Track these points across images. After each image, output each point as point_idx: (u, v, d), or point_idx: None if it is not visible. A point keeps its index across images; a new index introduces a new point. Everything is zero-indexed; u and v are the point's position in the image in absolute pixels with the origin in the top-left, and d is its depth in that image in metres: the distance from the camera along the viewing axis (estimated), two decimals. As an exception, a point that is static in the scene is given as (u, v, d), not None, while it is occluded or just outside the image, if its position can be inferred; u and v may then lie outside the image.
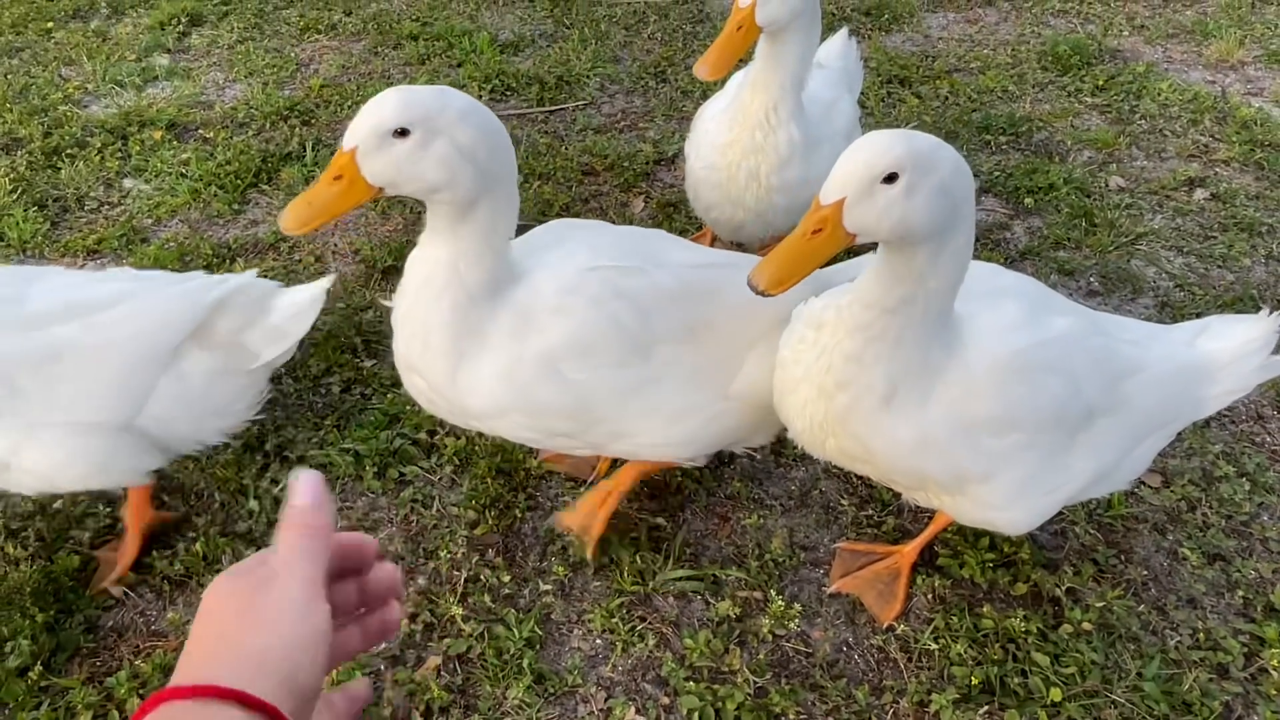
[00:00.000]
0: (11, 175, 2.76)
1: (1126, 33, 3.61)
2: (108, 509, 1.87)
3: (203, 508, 1.89)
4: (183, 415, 1.68)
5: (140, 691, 1.58)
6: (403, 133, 1.27)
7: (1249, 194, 2.78)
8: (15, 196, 2.69)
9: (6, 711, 1.57)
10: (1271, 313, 1.60)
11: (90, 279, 1.72)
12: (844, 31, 2.59)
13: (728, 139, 2.12)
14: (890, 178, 1.21)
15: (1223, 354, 1.57)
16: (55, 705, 1.57)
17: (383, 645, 1.66)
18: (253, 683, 0.55)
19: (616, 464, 1.90)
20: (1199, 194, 2.78)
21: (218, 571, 1.76)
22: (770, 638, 1.68)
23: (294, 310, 1.76)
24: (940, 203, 1.24)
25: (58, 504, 1.87)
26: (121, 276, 1.75)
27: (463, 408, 1.53)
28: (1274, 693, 1.60)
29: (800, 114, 2.08)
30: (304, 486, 0.66)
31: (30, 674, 1.60)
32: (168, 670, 1.60)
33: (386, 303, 1.59)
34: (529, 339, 1.47)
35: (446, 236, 1.41)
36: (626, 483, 1.82)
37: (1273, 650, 1.64)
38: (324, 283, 1.78)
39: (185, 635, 1.66)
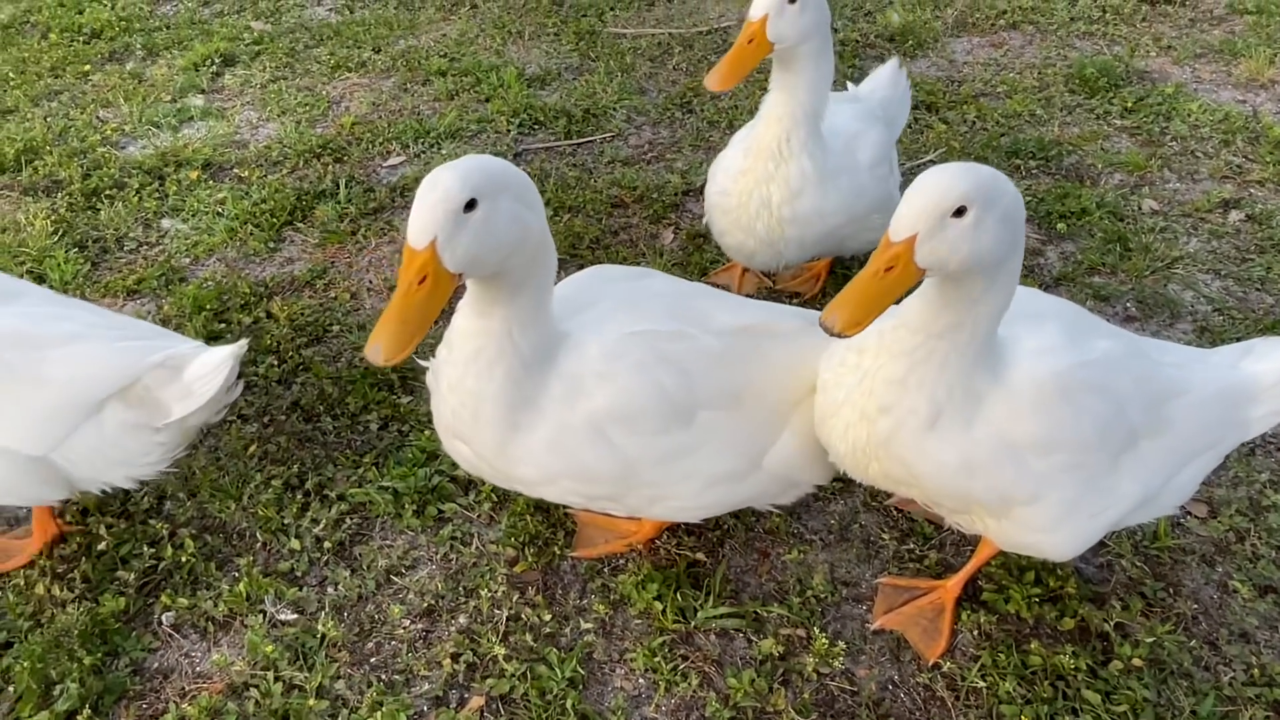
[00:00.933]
0: (52, 217, 2.82)
1: (1154, 53, 3.60)
2: (152, 549, 1.90)
3: (245, 548, 1.91)
4: (92, 459, 1.72)
5: (187, 734, 1.59)
6: (471, 205, 1.23)
7: (1286, 215, 2.75)
8: (56, 238, 2.74)
9: (56, 756, 1.58)
10: None
11: (54, 313, 1.76)
12: (894, 61, 2.61)
13: (743, 167, 2.14)
14: (959, 211, 1.22)
15: (1267, 375, 1.57)
16: (103, 749, 1.58)
17: (425, 686, 1.67)
18: None
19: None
20: (1234, 215, 2.76)
21: (261, 611, 1.78)
22: (815, 676, 1.67)
23: (203, 371, 1.72)
24: (1005, 232, 1.26)
25: (102, 545, 1.90)
26: (83, 317, 1.78)
27: (509, 475, 1.55)
28: (1334, 731, 1.57)
29: (816, 145, 2.09)
30: None
31: (79, 718, 1.62)
32: (214, 712, 1.62)
33: (424, 363, 1.61)
34: (577, 405, 1.49)
35: (500, 306, 1.38)
36: (629, 543, 1.88)
37: (1331, 686, 1.62)
38: (234, 348, 1.74)
39: (233, 680, 1.68)
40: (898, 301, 1.34)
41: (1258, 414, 1.56)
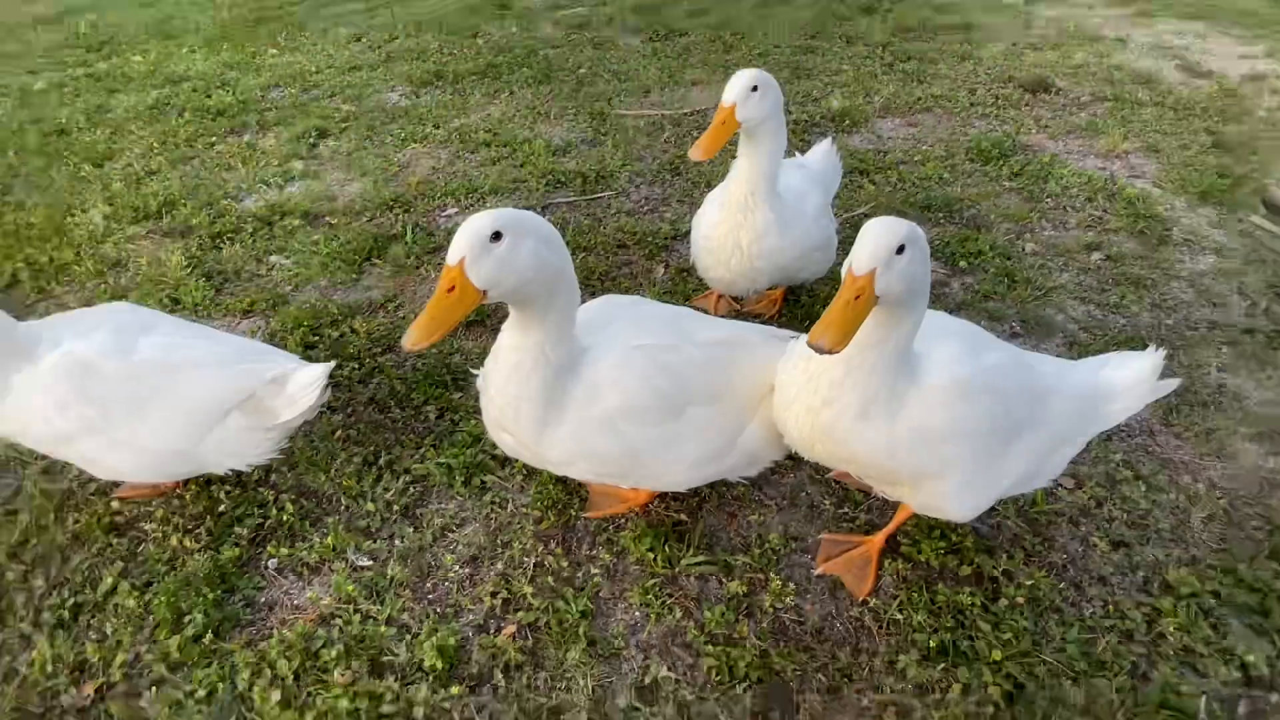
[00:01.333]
0: (186, 254, 2.82)
1: (1034, 131, 3.60)
2: (260, 510, 1.89)
3: (332, 509, 1.91)
4: (219, 452, 1.74)
5: (288, 654, 1.58)
6: (497, 236, 1.27)
7: (1135, 255, 2.75)
8: (189, 270, 2.74)
9: (186, 669, 1.58)
10: (1158, 349, 1.59)
11: (184, 342, 1.75)
12: (828, 140, 2.61)
13: (718, 219, 2.14)
14: (900, 249, 1.24)
15: (1121, 380, 1.58)
16: (222, 665, 1.58)
17: (470, 617, 1.66)
18: None
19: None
20: (1095, 255, 2.76)
21: (344, 559, 1.78)
22: (771, 610, 1.66)
23: (303, 384, 1.73)
24: (925, 266, 1.31)
25: (221, 508, 1.89)
26: (208, 343, 1.78)
27: (542, 458, 1.57)
28: (1170, 652, 1.56)
29: (773, 199, 2.10)
30: None
31: (204, 640, 1.62)
32: (308, 637, 1.62)
33: (475, 372, 1.61)
34: (594, 405, 1.50)
35: (533, 327, 1.40)
36: (627, 506, 1.86)
37: (1169, 619, 1.61)
38: (324, 367, 1.75)
39: (320, 610, 1.67)
40: None
41: (1114, 409, 1.56)
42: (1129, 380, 1.57)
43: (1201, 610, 1.63)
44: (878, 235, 1.25)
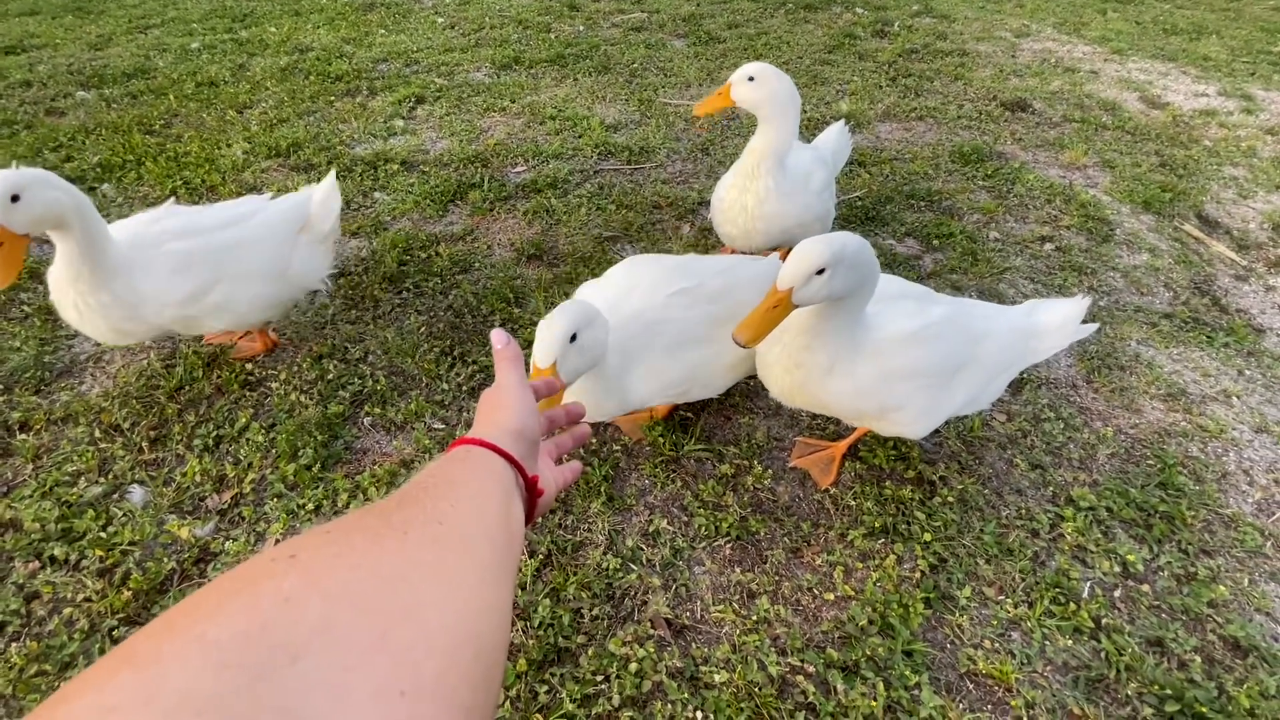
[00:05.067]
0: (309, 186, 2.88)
1: (1009, 142, 3.51)
2: (359, 380, 1.98)
3: (414, 385, 1.99)
4: (300, 271, 1.86)
5: (376, 484, 1.69)
6: (574, 338, 1.27)
7: (1081, 248, 2.71)
8: (310, 198, 2.81)
9: (299, 489, 1.69)
10: (1084, 296, 1.60)
11: (239, 203, 1.88)
12: (841, 122, 2.57)
13: (730, 183, 2.14)
14: (820, 271, 1.23)
15: (1049, 322, 1.58)
16: (326, 489, 1.68)
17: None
18: (496, 437, 0.58)
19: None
20: (1048, 246, 2.72)
21: (423, 421, 1.87)
22: (752, 489, 1.73)
23: (323, 195, 1.92)
24: (853, 277, 1.26)
25: (330, 376, 1.99)
26: (257, 201, 1.90)
27: (626, 401, 1.55)
28: (1066, 548, 1.61)
29: (777, 172, 2.07)
30: (497, 335, 0.71)
31: (313, 469, 1.72)
32: (392, 474, 1.71)
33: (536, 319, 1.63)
34: (655, 344, 1.52)
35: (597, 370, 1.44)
36: (660, 414, 1.90)
37: (1068, 524, 1.65)
38: (330, 177, 1.95)
39: (404, 458, 1.75)
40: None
41: (1043, 345, 1.58)
42: (1057, 321, 1.57)
43: (1096, 520, 1.67)
44: (799, 259, 1.22)
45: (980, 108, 3.84)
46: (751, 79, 1.92)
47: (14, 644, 1.38)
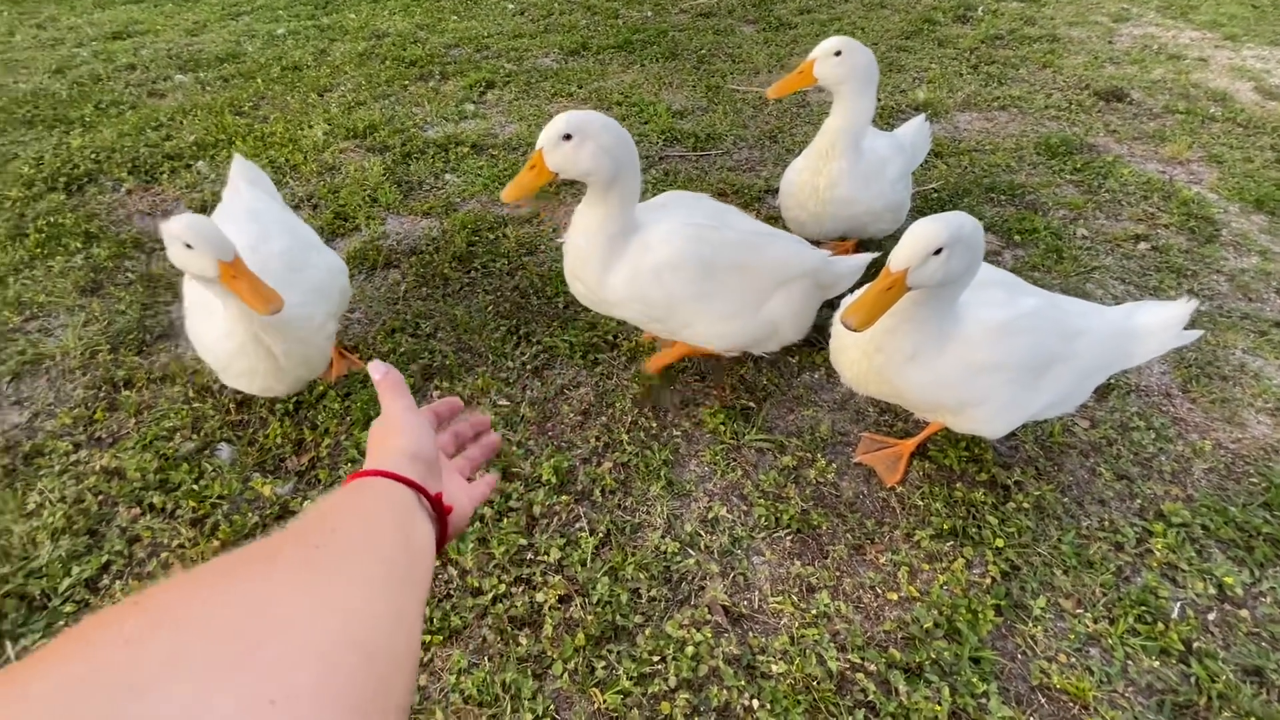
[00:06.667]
0: (384, 166, 2.99)
1: (1102, 134, 3.30)
2: (429, 355, 2.04)
3: (481, 362, 2.04)
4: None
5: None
6: (567, 137, 1.34)
7: (1181, 249, 2.53)
8: (385, 179, 2.91)
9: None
10: (1189, 300, 1.49)
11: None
12: (922, 117, 2.48)
13: (802, 165, 2.09)
14: (937, 251, 1.19)
15: (1149, 324, 1.49)
16: (397, 456, 1.75)
17: (579, 451, 1.78)
18: (390, 464, 0.56)
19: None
20: (1142, 245, 2.55)
21: (489, 397, 1.92)
22: (814, 482, 1.70)
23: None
24: (967, 257, 1.23)
25: (401, 349, 2.05)
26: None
27: (604, 300, 1.61)
28: (1155, 565, 1.52)
29: (852, 154, 2.01)
30: (374, 366, 0.67)
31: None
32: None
33: (560, 240, 1.65)
34: (645, 258, 1.53)
35: (598, 205, 1.47)
36: (678, 354, 1.90)
37: (1158, 540, 1.56)
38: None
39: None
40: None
41: (1140, 349, 1.49)
42: (1157, 324, 1.48)
43: (1190, 538, 1.57)
44: (916, 239, 1.20)
45: (1071, 97, 3.62)
46: (838, 53, 1.87)
47: (118, 581, 1.50)
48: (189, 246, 1.29)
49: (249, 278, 1.32)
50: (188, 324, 1.63)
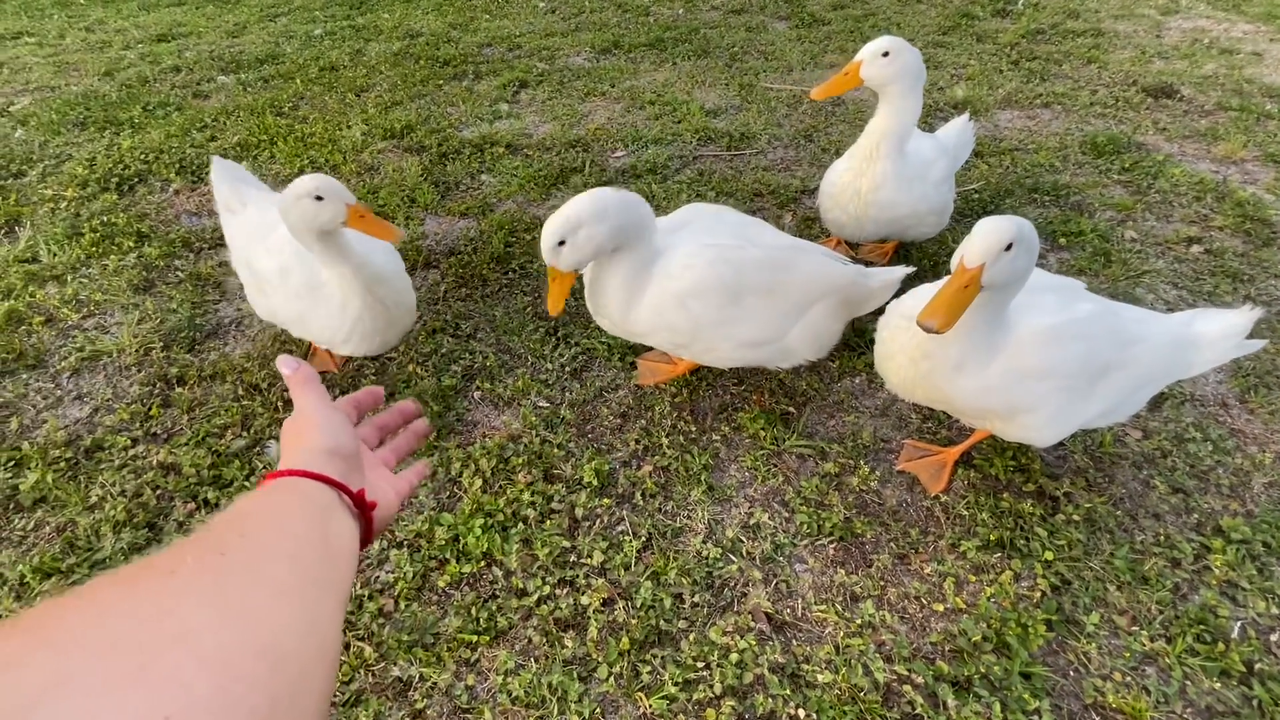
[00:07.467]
0: (421, 166, 3.02)
1: (1151, 132, 3.19)
2: (471, 356, 2.07)
3: (522, 363, 2.06)
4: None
5: (486, 456, 1.76)
6: (561, 243, 1.41)
7: (1236, 252, 2.44)
8: (422, 179, 2.94)
9: (415, 455, 1.78)
10: (1253, 308, 1.44)
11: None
12: (965, 116, 2.43)
13: (845, 167, 2.07)
14: (1008, 247, 1.19)
15: (1209, 333, 1.44)
16: (441, 456, 1.77)
17: (618, 454, 1.78)
18: (306, 462, 0.55)
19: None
20: (1195, 248, 2.47)
21: (529, 399, 1.93)
22: (857, 489, 1.68)
23: None
24: (1030, 259, 1.23)
25: (443, 350, 2.08)
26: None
27: (630, 331, 1.62)
28: (1214, 582, 1.47)
29: (897, 156, 1.98)
30: (283, 361, 0.64)
31: (428, 438, 1.81)
32: (501, 447, 1.78)
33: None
34: (668, 286, 1.53)
35: (615, 260, 1.52)
36: (680, 372, 1.91)
37: (1217, 556, 1.51)
38: None
39: (510, 431, 1.82)
40: None
41: (1197, 359, 1.44)
42: (1218, 333, 1.43)
43: (1250, 555, 1.52)
44: (989, 234, 1.19)
45: (1117, 94, 3.51)
46: (886, 54, 1.84)
47: (176, 574, 1.55)
48: (319, 199, 1.46)
49: (372, 215, 1.53)
50: (289, 316, 1.75)
